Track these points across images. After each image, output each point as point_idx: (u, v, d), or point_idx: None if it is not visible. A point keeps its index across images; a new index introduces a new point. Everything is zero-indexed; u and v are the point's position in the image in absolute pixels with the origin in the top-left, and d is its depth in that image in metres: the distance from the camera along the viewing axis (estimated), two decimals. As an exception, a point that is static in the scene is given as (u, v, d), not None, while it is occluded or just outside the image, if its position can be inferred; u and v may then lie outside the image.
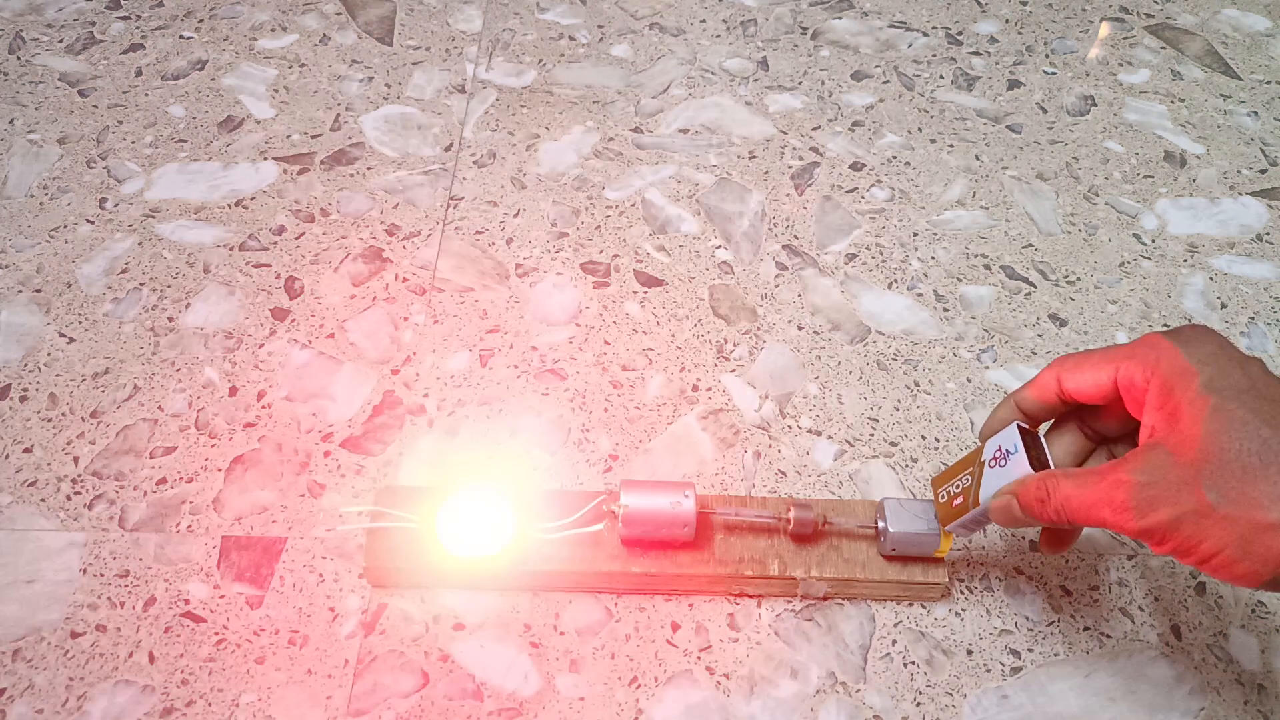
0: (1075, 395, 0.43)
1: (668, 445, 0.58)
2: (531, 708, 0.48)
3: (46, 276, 0.64)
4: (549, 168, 0.73)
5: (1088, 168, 0.76)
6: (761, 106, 0.79)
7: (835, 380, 0.62)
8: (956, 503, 0.47)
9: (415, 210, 0.69)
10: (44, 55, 0.79)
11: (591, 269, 0.67)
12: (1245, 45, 0.87)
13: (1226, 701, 0.50)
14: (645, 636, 0.51)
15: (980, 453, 0.46)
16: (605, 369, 0.61)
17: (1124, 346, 0.41)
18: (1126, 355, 0.41)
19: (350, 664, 0.49)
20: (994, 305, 0.66)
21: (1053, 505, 0.40)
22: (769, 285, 0.67)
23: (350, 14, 0.84)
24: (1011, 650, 0.51)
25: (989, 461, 0.45)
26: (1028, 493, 0.42)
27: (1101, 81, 0.83)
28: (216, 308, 0.63)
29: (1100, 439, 0.45)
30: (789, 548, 0.51)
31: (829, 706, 0.49)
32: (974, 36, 0.87)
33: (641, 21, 0.86)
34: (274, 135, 0.74)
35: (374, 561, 0.50)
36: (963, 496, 0.46)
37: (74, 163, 0.71)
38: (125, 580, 0.51)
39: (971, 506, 0.45)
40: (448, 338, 0.62)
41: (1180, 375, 0.38)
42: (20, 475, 0.55)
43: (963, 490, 0.47)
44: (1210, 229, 0.72)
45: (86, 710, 0.47)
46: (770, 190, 0.73)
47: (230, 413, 0.58)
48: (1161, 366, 0.39)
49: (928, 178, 0.74)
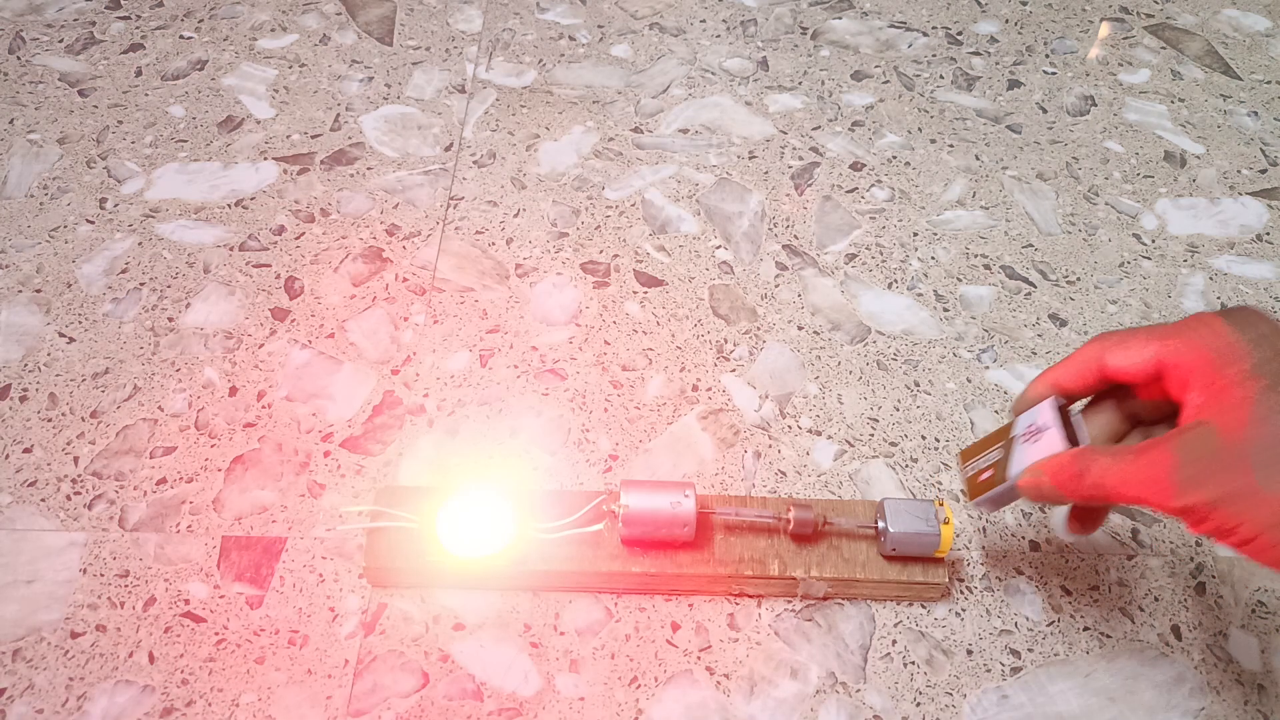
0: (1117, 373, 0.42)
1: (668, 445, 0.58)
2: (531, 708, 0.48)
3: (46, 276, 0.64)
4: (549, 168, 0.73)
5: (1088, 168, 0.76)
6: (761, 106, 0.79)
7: (835, 380, 0.62)
8: (984, 477, 0.46)
9: (415, 210, 0.69)
10: (44, 55, 0.79)
11: (591, 269, 0.67)
12: (1245, 45, 0.87)
13: (1226, 701, 0.50)
14: (645, 636, 0.51)
15: (1012, 427, 0.46)
16: (605, 369, 0.61)
17: (1171, 325, 0.40)
18: (1174, 333, 0.40)
19: (350, 664, 0.49)
20: (994, 305, 0.66)
21: (1088, 481, 0.40)
22: (769, 285, 0.67)
23: (350, 14, 0.84)
24: (1011, 650, 0.51)
25: (1021, 436, 0.45)
26: (1061, 468, 0.41)
27: (1101, 81, 0.83)
28: (216, 308, 0.63)
29: (1137, 421, 0.44)
30: (789, 548, 0.51)
31: (829, 706, 0.49)
32: (974, 36, 0.87)
33: (641, 21, 0.86)
34: (274, 135, 0.74)
35: (374, 561, 0.50)
36: (992, 470, 0.46)
37: (74, 163, 0.71)
38: (125, 580, 0.51)
39: (1000, 481, 0.45)
40: (448, 338, 0.62)
41: (1231, 355, 0.37)
42: (20, 475, 0.55)
43: (992, 464, 0.46)
44: (1210, 229, 0.72)
45: (86, 710, 0.47)
46: (770, 190, 0.73)
47: (230, 413, 0.58)
48: (1212, 345, 0.38)
49: (928, 178, 0.74)
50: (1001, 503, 0.46)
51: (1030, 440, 0.44)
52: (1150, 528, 0.56)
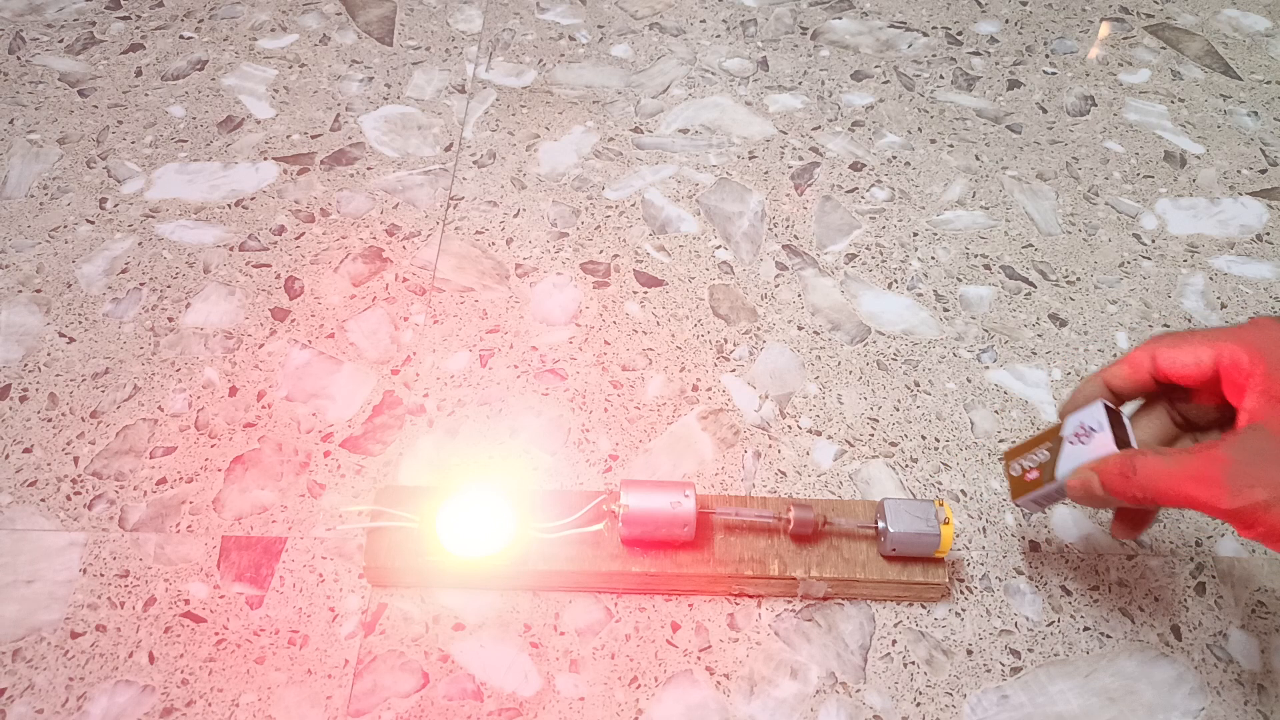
0: (1170, 375, 0.42)
1: (668, 445, 0.58)
2: (531, 708, 0.48)
3: (46, 276, 0.64)
4: (549, 168, 0.73)
5: (1088, 168, 0.76)
6: (761, 106, 0.79)
7: (835, 380, 0.62)
8: (1030, 476, 0.46)
9: (415, 210, 0.69)
10: (44, 55, 0.79)
11: (591, 269, 0.67)
12: (1245, 45, 0.87)
13: (1226, 701, 0.50)
14: (645, 636, 0.51)
15: (1060, 428, 0.45)
16: (605, 369, 0.61)
17: (1228, 329, 0.40)
18: (1232, 336, 0.40)
19: (350, 664, 0.49)
20: (994, 305, 0.66)
21: (1137, 482, 0.39)
22: (769, 285, 0.67)
23: (350, 14, 0.84)
24: (1011, 650, 0.51)
25: (1070, 438, 0.44)
26: (1111, 469, 0.41)
27: (1101, 81, 0.83)
28: (216, 308, 0.63)
29: (1188, 425, 0.44)
30: (789, 548, 0.51)
31: (829, 706, 0.49)
32: (974, 36, 0.87)
33: (641, 21, 0.86)
34: (274, 135, 0.74)
35: (374, 561, 0.50)
36: (1038, 471, 0.46)
37: (74, 163, 0.71)
38: (125, 580, 0.51)
39: (1047, 481, 0.45)
40: (448, 338, 0.62)
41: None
42: (20, 475, 0.55)
43: (1039, 465, 0.46)
44: (1210, 229, 0.72)
45: (86, 710, 0.47)
46: (770, 190, 0.73)
47: (230, 413, 0.58)
48: (1270, 350, 0.38)
49: (928, 178, 0.74)
50: (1047, 503, 0.46)
51: (1079, 441, 0.44)
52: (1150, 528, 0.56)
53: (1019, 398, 0.61)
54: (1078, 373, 0.63)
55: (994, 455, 0.59)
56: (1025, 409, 0.61)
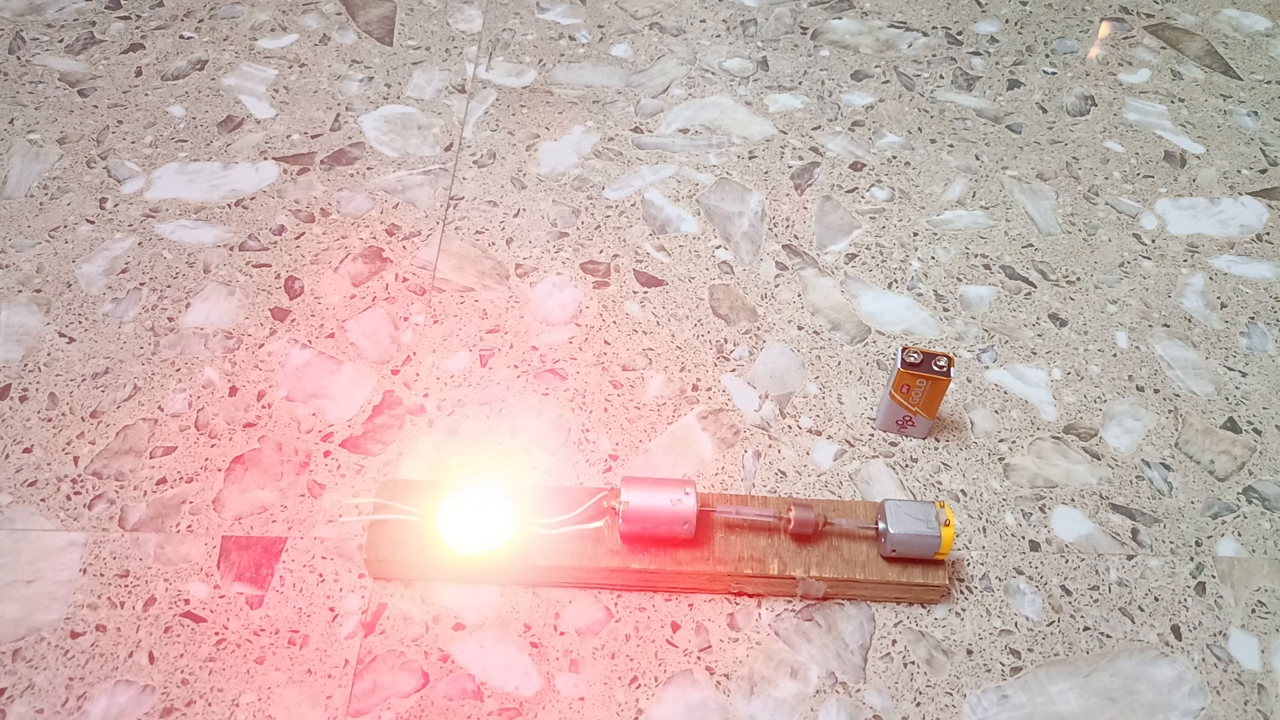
0: None
1: (668, 445, 0.58)
2: (531, 708, 0.48)
3: (46, 276, 0.64)
4: (549, 168, 0.73)
5: (1088, 168, 0.76)
6: (761, 106, 0.79)
7: (835, 380, 0.62)
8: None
9: (415, 210, 0.69)
10: (44, 55, 0.79)
11: (591, 269, 0.67)
12: (1245, 45, 0.87)
13: (1226, 701, 0.50)
14: (645, 636, 0.51)
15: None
16: (605, 369, 0.61)
17: None
18: None
19: (350, 664, 0.49)
20: (994, 305, 0.66)
21: None
22: (769, 285, 0.67)
23: (350, 14, 0.84)
24: (1011, 650, 0.51)
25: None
26: None
27: (1101, 81, 0.83)
28: (216, 308, 0.63)
29: None
30: (789, 547, 0.51)
31: (829, 706, 0.49)
32: (974, 36, 0.87)
33: (641, 21, 0.86)
34: (274, 135, 0.74)
35: (375, 553, 0.50)
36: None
37: (74, 163, 0.71)
38: (125, 580, 0.51)
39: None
40: (448, 338, 0.62)
41: None
42: (20, 475, 0.55)
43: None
44: (1210, 229, 0.72)
45: (86, 710, 0.47)
46: (770, 190, 0.73)
47: (230, 413, 0.58)
48: None
49: (928, 178, 0.74)
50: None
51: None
52: (1150, 528, 0.56)
53: (1019, 397, 0.61)
54: (1077, 372, 0.63)
55: (994, 455, 0.59)
56: (1025, 409, 0.61)
